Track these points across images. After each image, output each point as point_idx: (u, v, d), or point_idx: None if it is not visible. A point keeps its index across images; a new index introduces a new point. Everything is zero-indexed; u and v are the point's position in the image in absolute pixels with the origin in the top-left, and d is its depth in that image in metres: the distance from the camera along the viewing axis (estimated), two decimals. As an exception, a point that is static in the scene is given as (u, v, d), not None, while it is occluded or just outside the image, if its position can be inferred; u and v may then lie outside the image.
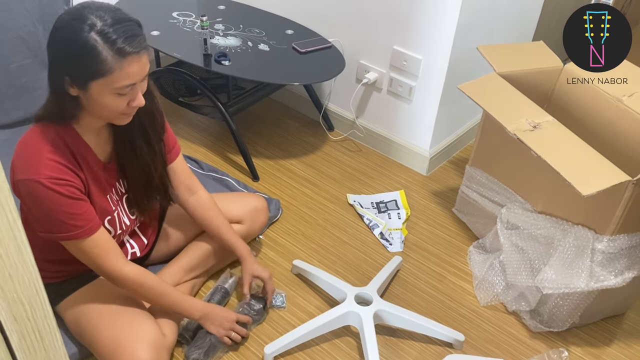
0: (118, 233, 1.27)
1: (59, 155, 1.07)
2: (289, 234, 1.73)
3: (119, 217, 1.26)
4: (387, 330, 1.46)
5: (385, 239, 1.72)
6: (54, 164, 1.06)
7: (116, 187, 1.25)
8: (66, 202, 1.08)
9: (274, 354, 1.36)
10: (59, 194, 1.06)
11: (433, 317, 1.48)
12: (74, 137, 1.11)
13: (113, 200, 1.24)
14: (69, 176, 1.08)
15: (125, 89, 1.03)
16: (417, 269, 1.64)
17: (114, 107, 1.05)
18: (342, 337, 1.44)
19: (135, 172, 1.24)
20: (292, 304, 1.51)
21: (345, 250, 1.68)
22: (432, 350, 1.42)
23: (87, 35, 0.97)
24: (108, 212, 1.22)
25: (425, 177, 1.98)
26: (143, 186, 1.27)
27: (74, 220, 1.09)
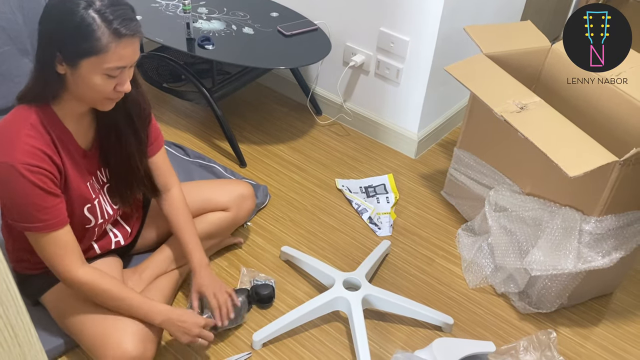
0: (99, 222, 1.25)
1: (38, 139, 1.05)
2: (277, 220, 1.72)
3: (100, 205, 1.24)
4: (376, 314, 1.46)
5: (374, 224, 1.72)
6: (31, 149, 1.04)
7: (97, 176, 1.23)
8: (36, 193, 1.06)
9: (263, 341, 1.36)
10: (31, 183, 1.04)
11: (422, 301, 1.48)
12: (54, 122, 1.09)
13: (94, 188, 1.22)
14: (45, 164, 1.06)
15: (115, 70, 1.02)
16: (406, 253, 1.65)
17: (101, 88, 1.04)
18: (331, 323, 1.44)
19: (119, 161, 1.23)
20: (280, 291, 1.51)
21: (333, 236, 1.68)
22: (421, 334, 1.42)
23: (84, 12, 0.97)
24: (87, 200, 1.20)
25: (413, 161, 1.98)
26: (126, 176, 1.26)
27: (39, 212, 1.07)
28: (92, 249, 1.29)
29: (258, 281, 1.51)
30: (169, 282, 1.40)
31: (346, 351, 1.37)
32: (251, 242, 1.64)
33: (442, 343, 1.32)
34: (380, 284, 1.53)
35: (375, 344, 1.39)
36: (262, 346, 1.36)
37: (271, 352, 1.36)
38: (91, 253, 1.30)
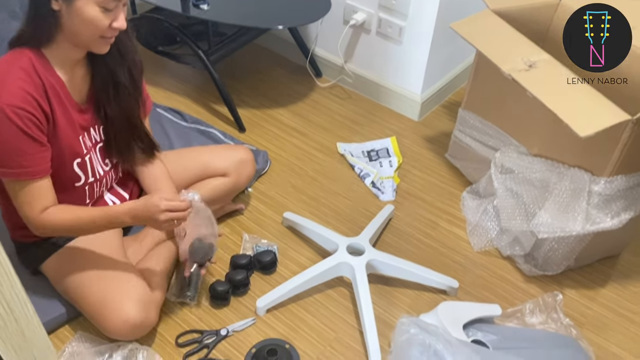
0: (89, 181, 1.24)
1: (27, 82, 1.04)
2: (278, 186, 1.71)
3: (91, 162, 1.22)
4: (380, 279, 1.46)
5: (377, 188, 1.71)
6: (20, 91, 1.03)
7: (90, 133, 1.21)
8: (19, 137, 1.04)
9: (267, 307, 1.37)
10: (16, 126, 1.03)
11: (426, 265, 1.47)
12: (46, 68, 1.07)
13: (85, 144, 1.20)
14: (32, 108, 1.05)
15: (110, 3, 1.02)
16: (409, 217, 1.64)
17: (97, 24, 1.03)
18: (335, 288, 1.44)
19: (118, 115, 1.21)
20: (283, 257, 1.50)
21: (336, 201, 1.67)
22: (426, 298, 1.43)
23: None
24: (77, 154, 1.18)
25: (417, 123, 1.95)
26: (126, 132, 1.24)
27: (20, 157, 1.06)
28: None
29: (260, 247, 1.51)
30: (169, 249, 1.40)
31: (351, 316, 1.38)
32: (253, 209, 1.64)
33: (447, 307, 1.32)
34: (384, 248, 1.53)
35: (380, 309, 1.39)
36: (266, 312, 1.37)
37: (275, 318, 1.37)
38: (90, 220, 1.29)
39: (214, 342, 1.30)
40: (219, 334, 1.31)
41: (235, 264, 1.44)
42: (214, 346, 1.29)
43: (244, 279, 1.40)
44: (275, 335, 1.33)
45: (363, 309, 1.31)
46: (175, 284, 1.38)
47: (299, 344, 1.31)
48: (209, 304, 1.37)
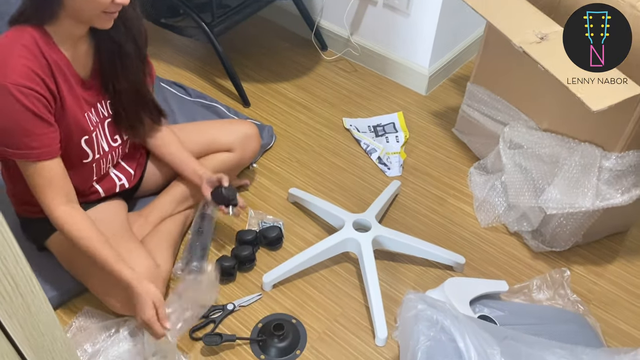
0: (96, 157, 1.23)
1: (32, 60, 1.02)
2: (283, 161, 1.70)
3: (97, 139, 1.21)
4: (386, 255, 1.46)
5: (384, 164, 1.71)
6: (25, 69, 1.01)
7: (97, 108, 1.20)
8: (26, 117, 1.02)
9: (273, 282, 1.37)
10: (22, 105, 1.01)
11: (433, 241, 1.47)
12: (50, 45, 1.05)
13: (91, 120, 1.19)
14: (38, 86, 1.03)
15: None
16: (416, 193, 1.63)
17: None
18: (341, 264, 1.44)
19: (126, 87, 1.20)
20: (290, 233, 1.50)
21: (342, 177, 1.67)
22: (432, 274, 1.43)
23: None
24: (85, 131, 1.17)
25: (424, 97, 1.94)
26: (135, 103, 1.23)
27: (29, 138, 1.04)
28: (96, 191, 1.29)
29: (266, 223, 1.51)
30: (175, 225, 1.40)
31: (357, 291, 1.39)
32: (258, 184, 1.63)
33: (454, 283, 1.31)
34: (390, 224, 1.53)
35: (386, 285, 1.40)
36: (273, 287, 1.38)
37: (281, 293, 1.37)
38: (95, 196, 1.29)
39: (220, 317, 1.30)
40: (225, 309, 1.31)
41: (241, 240, 1.44)
42: (220, 321, 1.30)
43: (249, 255, 1.40)
44: (282, 310, 1.33)
45: (369, 285, 1.31)
46: (182, 259, 1.37)
47: (305, 319, 1.32)
48: (216, 279, 1.32)
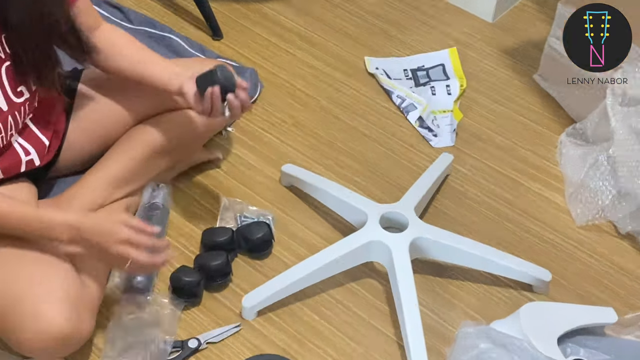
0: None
1: None
2: (273, 123, 1.69)
3: None
4: (430, 267, 1.45)
5: (427, 128, 1.69)
6: None
7: None
8: None
9: (259, 307, 1.35)
10: None
11: (502, 247, 1.47)
12: None
13: None
14: None
15: None
16: (476, 174, 1.63)
17: None
18: (362, 281, 1.43)
19: (27, 16, 1.20)
20: (283, 233, 1.49)
21: (363, 148, 1.66)
22: (501, 297, 1.42)
23: None
24: None
25: (490, 26, 1.94)
26: (41, 38, 1.24)
27: None
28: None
29: (247, 218, 1.50)
30: None
31: (385, 323, 1.37)
32: (235, 159, 1.62)
33: (534, 310, 1.30)
34: (436, 221, 1.51)
35: (430, 312, 1.38)
36: (257, 315, 1.36)
37: (271, 324, 1.35)
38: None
39: (179, 359, 1.29)
40: (185, 347, 1.29)
41: (209, 243, 1.44)
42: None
43: (222, 266, 1.38)
44: (271, 350, 1.31)
45: (405, 313, 1.29)
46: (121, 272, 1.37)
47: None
48: (171, 302, 1.35)
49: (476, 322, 1.29)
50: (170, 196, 1.48)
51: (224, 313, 1.35)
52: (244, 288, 1.37)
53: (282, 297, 1.35)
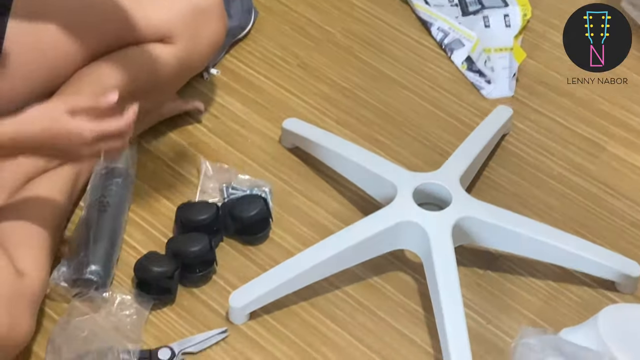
0: None
1: None
2: (272, 64, 1.73)
3: None
4: (480, 257, 1.47)
5: (478, 72, 1.72)
6: None
7: None
8: None
9: (250, 309, 1.37)
10: None
11: (576, 231, 1.48)
12: None
13: None
14: None
15: None
16: (543, 134, 1.65)
17: None
18: (387, 274, 1.45)
19: None
20: (284, 210, 1.52)
21: (392, 98, 1.69)
22: (573, 297, 1.43)
23: None
24: None
25: None
26: None
27: None
28: None
29: (236, 190, 1.52)
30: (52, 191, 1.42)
31: (417, 329, 1.39)
32: (221, 111, 1.65)
33: (617, 314, 1.31)
34: (489, 196, 1.54)
35: (479, 317, 1.40)
36: (249, 318, 1.37)
37: (266, 330, 1.37)
38: None
39: None
40: (154, 359, 1.32)
41: (186, 222, 1.46)
42: (144, 384, 1.30)
43: (203, 252, 1.40)
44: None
45: (445, 316, 1.30)
46: (68, 260, 1.39)
47: None
48: (136, 300, 1.37)
49: (540, 330, 1.28)
50: (135, 159, 1.50)
51: (206, 315, 1.36)
52: (232, 282, 1.39)
53: (281, 294, 1.36)
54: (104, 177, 1.45)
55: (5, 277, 1.21)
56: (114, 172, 1.45)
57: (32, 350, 1.31)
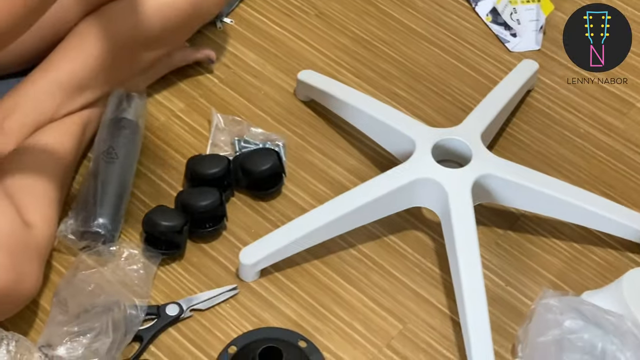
0: None
1: None
2: (288, 13, 1.73)
3: None
4: (500, 217, 1.47)
5: (503, 24, 1.73)
6: None
7: None
8: None
9: (262, 264, 1.37)
10: None
11: (601, 191, 1.48)
12: None
13: None
14: None
15: None
16: (570, 89, 1.65)
17: None
18: (403, 233, 1.45)
19: None
20: (297, 164, 1.52)
21: (412, 50, 1.69)
22: (596, 259, 1.43)
23: None
24: None
25: None
26: None
27: None
28: None
29: (249, 144, 1.53)
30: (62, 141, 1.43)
31: (434, 289, 1.39)
32: (233, 61, 1.65)
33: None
34: (511, 154, 1.54)
35: (498, 278, 1.40)
36: (259, 275, 1.38)
37: (277, 287, 1.37)
38: None
39: (152, 330, 1.31)
40: (162, 314, 1.32)
41: (196, 176, 1.46)
42: (151, 339, 1.30)
43: (213, 206, 1.40)
44: (277, 321, 1.33)
45: (462, 277, 1.30)
46: (76, 210, 1.39)
47: (327, 342, 1.31)
48: (143, 254, 1.37)
49: (561, 292, 1.30)
50: (144, 110, 1.49)
51: (215, 271, 1.37)
52: (243, 238, 1.39)
53: (293, 252, 1.36)
54: (112, 125, 1.44)
55: (12, 228, 1.22)
56: (122, 121, 1.44)
57: (39, 303, 1.31)
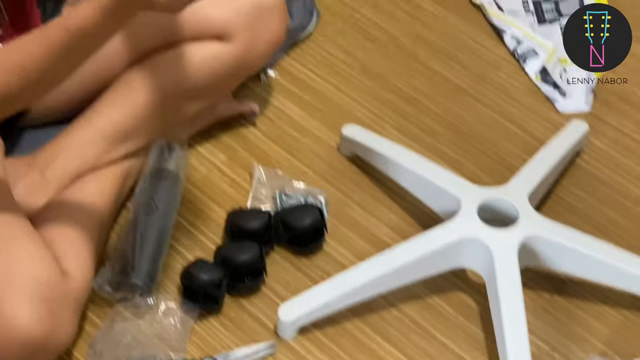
0: None
1: None
2: (332, 67, 1.74)
3: None
4: (548, 281, 1.46)
5: (553, 84, 1.72)
6: None
7: None
8: None
9: (299, 323, 1.37)
10: None
11: None
12: None
13: None
14: None
15: None
16: (621, 152, 1.65)
17: None
18: (447, 294, 1.45)
19: None
20: (339, 220, 1.52)
21: (458, 107, 1.70)
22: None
23: None
24: None
25: None
26: None
27: None
28: None
29: (290, 198, 1.53)
30: (102, 191, 1.44)
31: (478, 353, 1.38)
32: (277, 115, 1.66)
33: None
34: (560, 216, 1.52)
35: (544, 344, 1.39)
36: (298, 333, 1.37)
37: (316, 347, 1.36)
38: None
39: None
40: None
41: (236, 230, 1.47)
42: (186, 399, 1.31)
43: (253, 261, 1.41)
44: None
45: (507, 342, 1.29)
46: (113, 262, 1.39)
47: None
48: (181, 308, 1.38)
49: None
50: (186, 161, 1.50)
51: (253, 327, 1.37)
52: (282, 294, 1.40)
53: (333, 310, 1.36)
54: (154, 176, 1.45)
55: (50, 276, 1.22)
56: (163, 172, 1.45)
57: (73, 354, 1.31)
